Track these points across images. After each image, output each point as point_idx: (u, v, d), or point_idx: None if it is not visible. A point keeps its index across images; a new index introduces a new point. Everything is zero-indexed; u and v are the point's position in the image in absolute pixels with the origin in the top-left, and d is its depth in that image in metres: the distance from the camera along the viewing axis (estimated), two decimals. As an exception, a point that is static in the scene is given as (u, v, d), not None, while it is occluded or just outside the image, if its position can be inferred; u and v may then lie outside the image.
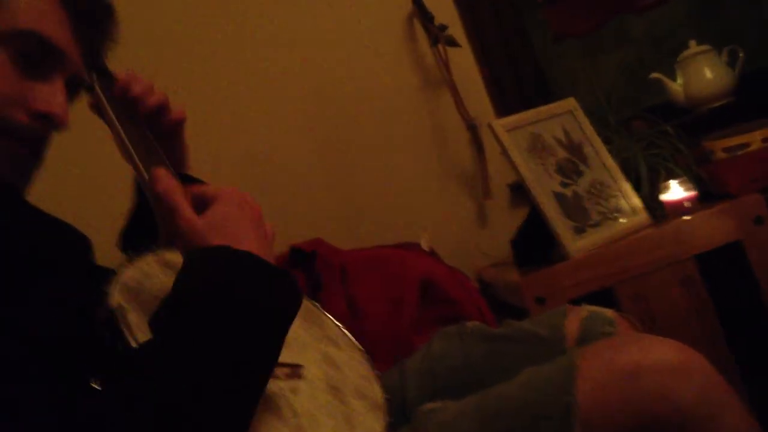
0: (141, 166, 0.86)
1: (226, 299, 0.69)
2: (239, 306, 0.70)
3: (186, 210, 0.77)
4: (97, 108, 0.97)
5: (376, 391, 0.92)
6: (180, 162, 1.09)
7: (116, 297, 0.74)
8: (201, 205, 0.79)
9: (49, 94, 0.84)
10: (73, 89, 0.91)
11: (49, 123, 0.84)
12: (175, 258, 0.86)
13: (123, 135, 0.91)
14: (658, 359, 0.77)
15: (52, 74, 0.85)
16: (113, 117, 0.94)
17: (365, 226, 2.00)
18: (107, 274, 0.77)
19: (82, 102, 0.99)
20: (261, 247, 0.77)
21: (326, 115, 2.04)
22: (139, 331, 0.71)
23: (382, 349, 1.36)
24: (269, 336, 0.71)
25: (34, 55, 0.83)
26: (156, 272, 0.83)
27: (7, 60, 0.81)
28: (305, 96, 2.03)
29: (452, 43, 2.03)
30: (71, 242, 0.87)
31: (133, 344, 0.69)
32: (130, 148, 0.88)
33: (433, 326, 1.19)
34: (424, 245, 1.85)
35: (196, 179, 1.11)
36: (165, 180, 0.79)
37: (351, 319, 1.52)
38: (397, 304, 1.55)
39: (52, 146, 0.90)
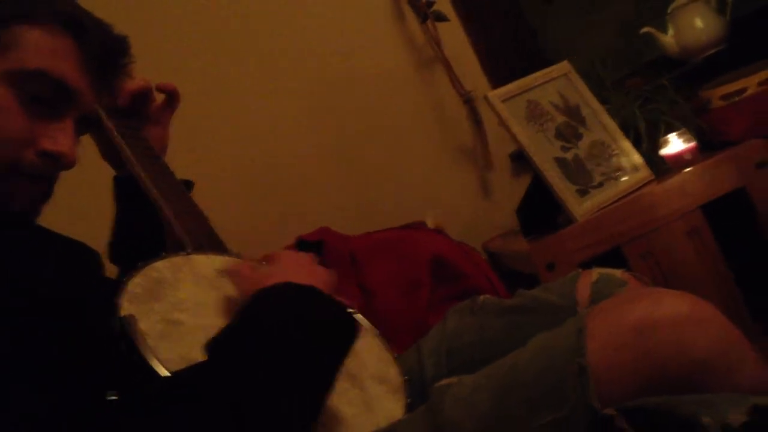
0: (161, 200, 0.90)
1: (289, 327, 0.73)
2: (301, 334, 0.74)
3: (246, 268, 0.87)
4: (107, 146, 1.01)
5: (394, 374, 0.93)
6: (161, 150, 1.12)
7: (125, 306, 0.75)
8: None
9: (58, 133, 0.84)
10: (84, 127, 0.92)
11: (56, 162, 0.84)
12: (188, 263, 0.88)
13: (141, 174, 0.95)
14: (670, 312, 0.76)
15: (63, 113, 0.85)
16: (129, 154, 0.98)
17: (371, 211, 2.00)
18: (117, 286, 0.78)
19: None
20: (319, 285, 0.82)
21: (324, 104, 2.04)
22: (148, 337, 0.72)
23: (399, 332, 1.37)
24: (327, 365, 0.76)
25: (45, 95, 0.82)
26: (168, 278, 0.84)
27: (17, 101, 0.81)
28: (303, 86, 2.03)
29: (441, 17, 2.02)
30: (85, 260, 0.89)
31: (148, 354, 0.70)
32: (153, 190, 0.93)
33: (447, 303, 1.20)
34: (430, 223, 1.86)
35: (189, 181, 1.14)
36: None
37: (365, 304, 1.53)
38: (410, 286, 1.55)
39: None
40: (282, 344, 0.71)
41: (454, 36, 2.08)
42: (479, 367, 0.85)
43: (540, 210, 1.72)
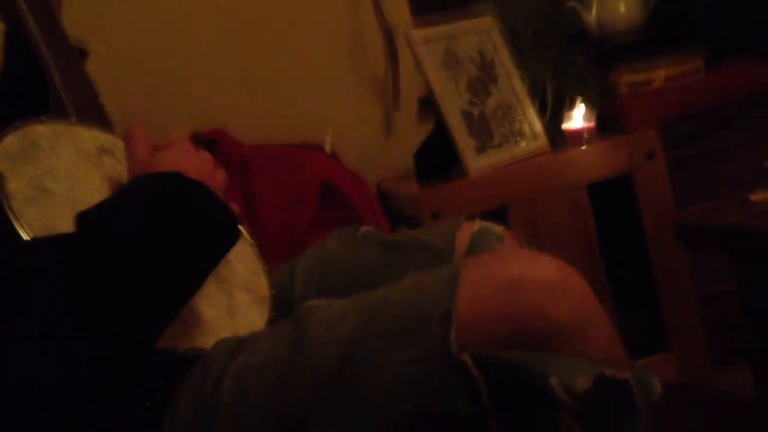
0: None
1: (167, 217, 0.72)
2: (178, 227, 0.72)
3: (142, 148, 0.83)
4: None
5: (263, 286, 0.93)
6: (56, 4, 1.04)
7: None
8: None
9: None
10: None
11: None
12: (70, 133, 0.83)
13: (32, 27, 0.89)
14: (539, 274, 0.79)
15: None
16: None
17: (271, 123, 1.97)
18: None
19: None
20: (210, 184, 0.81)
21: (242, 6, 1.98)
22: (14, 200, 0.68)
23: (276, 247, 1.36)
24: (199, 264, 0.75)
25: None
26: (46, 143, 0.79)
27: None
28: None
29: (377, -55, 1.98)
30: None
31: (11, 215, 0.66)
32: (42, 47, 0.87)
33: (329, 228, 1.19)
34: (327, 148, 1.84)
35: (83, 49, 1.07)
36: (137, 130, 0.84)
37: (247, 214, 1.51)
38: (295, 204, 1.55)
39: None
40: (156, 232, 0.69)
41: (386, -34, 2.04)
42: (350, 295, 0.85)
43: (437, 158, 1.74)
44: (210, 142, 1.66)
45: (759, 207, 1.36)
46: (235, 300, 0.87)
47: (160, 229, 0.70)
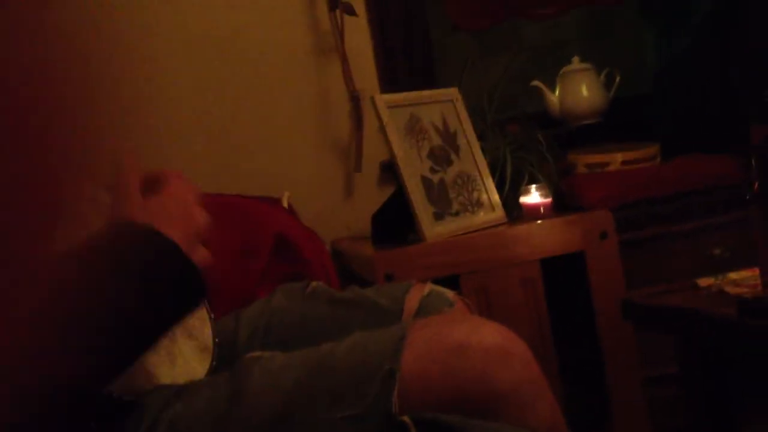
0: None
1: (132, 277, 0.71)
2: (143, 285, 0.72)
3: (134, 186, 0.80)
4: None
5: (207, 334, 0.91)
6: None
7: None
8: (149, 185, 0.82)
9: None
10: None
11: None
12: None
13: None
14: (484, 341, 0.79)
15: None
16: None
17: (232, 174, 1.97)
18: None
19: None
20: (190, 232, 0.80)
21: (212, 57, 2.00)
22: None
23: (224, 297, 1.34)
24: (156, 327, 0.73)
25: None
26: None
27: None
28: (193, 37, 1.99)
29: (350, 11, 2.02)
30: None
31: None
32: None
33: (280, 282, 1.19)
34: (285, 203, 1.84)
35: None
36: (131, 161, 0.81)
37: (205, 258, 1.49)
38: (246, 254, 1.54)
39: None
40: (118, 288, 0.68)
41: (358, 32, 2.08)
42: (294, 349, 0.85)
43: (394, 222, 1.74)
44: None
45: (705, 291, 1.39)
46: (177, 346, 0.86)
47: (124, 290, 0.69)
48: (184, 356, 0.86)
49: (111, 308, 0.68)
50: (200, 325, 0.92)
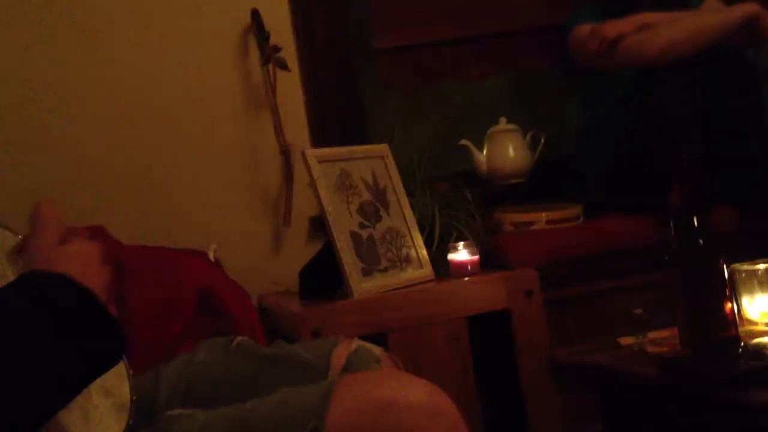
0: None
1: (47, 326, 0.69)
2: (59, 329, 0.70)
3: (46, 236, 0.80)
4: None
5: (125, 391, 0.88)
6: None
7: None
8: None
9: None
10: None
11: None
12: None
13: None
14: (411, 398, 0.79)
15: None
16: None
17: (158, 225, 1.94)
18: None
19: None
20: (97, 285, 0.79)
21: (140, 107, 1.99)
22: None
23: (145, 352, 1.30)
24: (73, 379, 0.71)
25: None
26: None
27: None
28: (121, 86, 1.98)
29: (283, 65, 2.04)
30: None
31: None
32: None
33: (204, 337, 1.16)
34: (211, 255, 1.82)
35: None
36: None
37: (118, 315, 1.45)
38: (169, 308, 1.50)
39: None
40: (30, 338, 0.65)
41: (290, 86, 2.10)
42: (217, 406, 0.82)
43: (322, 278, 1.73)
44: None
45: (627, 350, 1.41)
46: (92, 404, 0.82)
47: (36, 341, 0.67)
48: (98, 414, 0.82)
49: (23, 360, 0.66)
50: (118, 381, 0.89)
